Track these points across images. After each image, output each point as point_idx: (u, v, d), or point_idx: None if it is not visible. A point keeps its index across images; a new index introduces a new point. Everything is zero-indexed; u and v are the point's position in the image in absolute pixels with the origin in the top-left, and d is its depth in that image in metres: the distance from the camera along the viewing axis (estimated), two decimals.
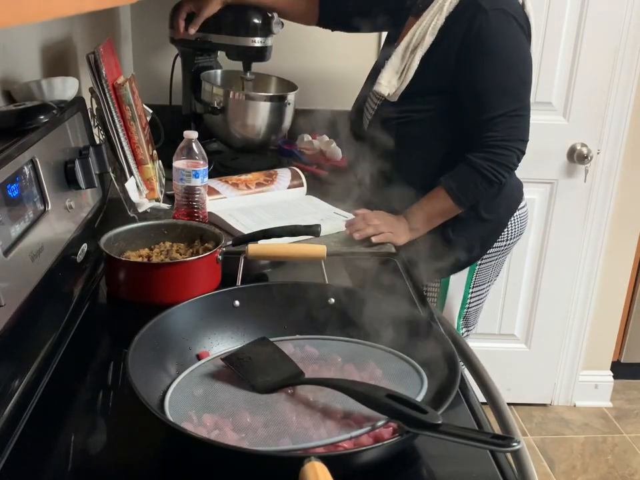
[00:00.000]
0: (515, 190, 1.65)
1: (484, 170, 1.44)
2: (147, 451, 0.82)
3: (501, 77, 1.43)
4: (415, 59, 1.46)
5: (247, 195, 1.59)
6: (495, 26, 1.40)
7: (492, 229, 1.62)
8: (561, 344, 2.58)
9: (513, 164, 1.46)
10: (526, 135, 1.47)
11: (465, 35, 1.42)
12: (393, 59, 1.50)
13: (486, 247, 1.62)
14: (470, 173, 1.46)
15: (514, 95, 1.45)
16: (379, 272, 1.35)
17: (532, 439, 2.47)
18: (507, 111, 1.43)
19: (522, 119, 1.46)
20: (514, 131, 1.45)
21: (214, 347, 0.97)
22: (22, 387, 0.88)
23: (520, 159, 1.48)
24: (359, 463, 0.74)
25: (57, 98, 1.21)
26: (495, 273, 1.72)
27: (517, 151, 1.45)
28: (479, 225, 1.58)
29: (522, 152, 1.47)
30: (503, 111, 1.43)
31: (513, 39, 1.44)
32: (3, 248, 0.87)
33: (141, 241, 1.23)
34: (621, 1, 2.16)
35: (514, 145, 1.44)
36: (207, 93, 1.76)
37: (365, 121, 1.64)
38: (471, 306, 1.70)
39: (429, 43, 1.45)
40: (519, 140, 1.45)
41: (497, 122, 1.43)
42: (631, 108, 2.29)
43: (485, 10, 1.39)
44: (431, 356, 0.89)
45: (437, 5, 1.45)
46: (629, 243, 2.49)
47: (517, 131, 1.45)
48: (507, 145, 1.44)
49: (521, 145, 1.46)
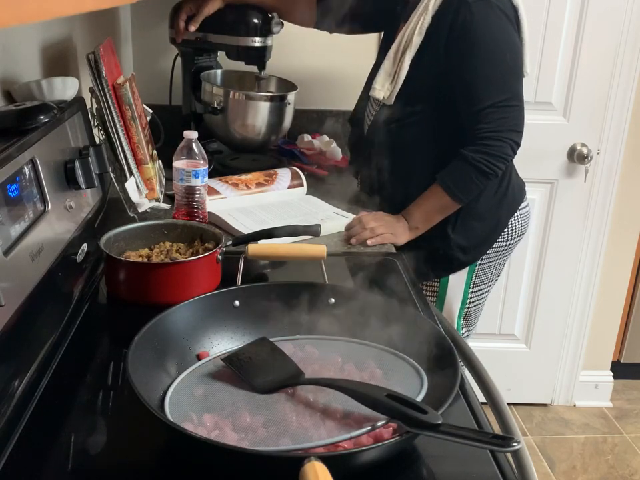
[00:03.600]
0: (516, 189, 1.64)
1: (477, 163, 1.43)
2: (147, 450, 0.82)
3: (487, 68, 1.42)
4: (405, 60, 1.47)
5: (247, 194, 1.59)
6: (478, 17, 1.40)
7: (492, 228, 1.61)
8: (561, 344, 2.58)
9: (506, 154, 1.45)
10: (519, 125, 1.46)
11: (451, 29, 1.42)
12: (386, 63, 1.52)
13: (486, 246, 1.62)
14: (464, 167, 1.45)
15: (502, 85, 1.44)
16: (379, 272, 1.35)
17: (532, 439, 2.47)
18: (496, 101, 1.42)
19: (512, 109, 1.44)
20: (504, 122, 1.43)
21: (214, 347, 0.96)
22: (22, 387, 0.88)
23: (515, 149, 1.46)
24: (359, 463, 0.74)
25: (57, 98, 1.21)
26: (496, 274, 1.72)
27: (510, 141, 1.44)
28: (479, 225, 1.58)
29: (516, 142, 1.45)
30: (491, 102, 1.42)
31: (498, 29, 1.43)
32: (2, 248, 0.87)
33: (141, 241, 1.23)
34: (621, 1, 2.16)
35: (506, 135, 1.43)
36: (207, 93, 1.76)
37: (364, 126, 1.65)
38: (471, 306, 1.70)
39: (418, 43, 1.46)
40: (510, 130, 1.44)
41: (486, 113, 1.42)
42: (630, 108, 2.29)
43: (468, 2, 1.40)
44: (431, 356, 0.89)
45: (422, 6, 1.46)
46: (629, 243, 2.49)
47: (508, 121, 1.44)
48: (498, 136, 1.43)
49: (513, 136, 1.44)
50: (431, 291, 1.66)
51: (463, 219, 1.55)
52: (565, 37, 2.21)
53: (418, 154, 1.54)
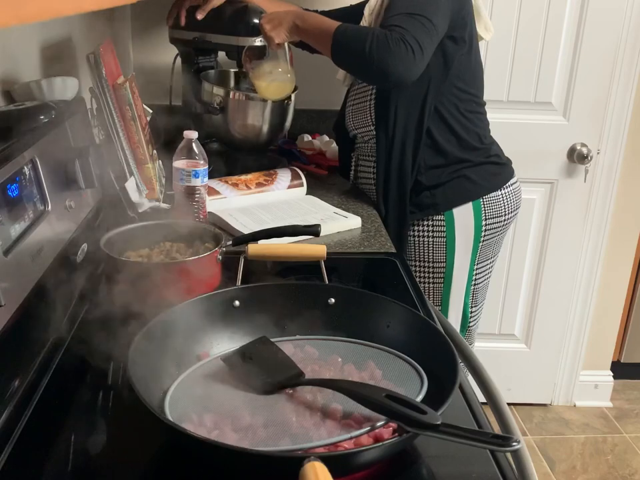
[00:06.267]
0: (503, 169, 1.74)
1: (373, 33, 1.40)
2: (147, 451, 0.82)
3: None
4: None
5: (247, 194, 1.59)
6: None
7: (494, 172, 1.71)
8: (561, 344, 2.58)
9: (399, 48, 1.38)
10: (424, 40, 1.41)
11: None
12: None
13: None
14: (365, 30, 1.45)
15: (418, 5, 1.44)
16: (379, 272, 1.35)
17: (532, 439, 2.47)
18: (408, 12, 1.43)
19: (421, 25, 1.41)
20: (410, 27, 1.40)
21: (214, 347, 0.96)
22: (22, 387, 0.88)
23: (409, 55, 1.39)
24: (359, 463, 0.74)
25: (57, 98, 1.21)
26: (497, 250, 1.80)
27: (407, 43, 1.39)
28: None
29: (412, 50, 1.39)
30: (403, 11, 1.43)
31: None
32: (2, 248, 0.87)
33: (141, 241, 1.23)
34: (621, 1, 2.17)
35: (407, 37, 1.39)
36: (207, 93, 1.76)
37: (347, 122, 1.75)
38: (477, 282, 1.76)
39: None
40: (413, 37, 1.39)
41: (396, 17, 1.43)
42: (631, 108, 2.29)
43: None
44: (431, 356, 0.89)
45: None
46: (629, 243, 2.50)
47: (414, 29, 1.40)
48: (402, 33, 1.39)
49: (413, 42, 1.39)
50: (437, 271, 1.70)
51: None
52: (565, 37, 2.21)
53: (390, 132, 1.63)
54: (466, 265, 1.70)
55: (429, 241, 1.68)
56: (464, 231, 1.67)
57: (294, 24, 1.51)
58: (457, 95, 1.62)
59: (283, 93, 1.68)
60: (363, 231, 1.52)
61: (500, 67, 2.22)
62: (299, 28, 1.52)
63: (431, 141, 1.63)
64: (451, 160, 1.65)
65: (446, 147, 1.64)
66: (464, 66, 1.61)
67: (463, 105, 1.64)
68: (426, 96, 1.58)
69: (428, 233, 1.67)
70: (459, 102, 1.63)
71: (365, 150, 1.73)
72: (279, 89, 1.67)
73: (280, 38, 1.53)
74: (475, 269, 1.73)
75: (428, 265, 1.70)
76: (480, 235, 1.68)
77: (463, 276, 1.71)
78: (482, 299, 1.83)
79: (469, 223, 1.67)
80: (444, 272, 1.70)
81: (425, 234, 1.68)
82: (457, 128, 1.64)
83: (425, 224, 1.67)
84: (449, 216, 1.65)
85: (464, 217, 1.66)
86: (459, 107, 1.63)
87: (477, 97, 1.68)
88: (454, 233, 1.66)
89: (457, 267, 1.69)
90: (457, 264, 1.69)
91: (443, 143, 1.64)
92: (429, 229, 1.67)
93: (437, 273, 1.70)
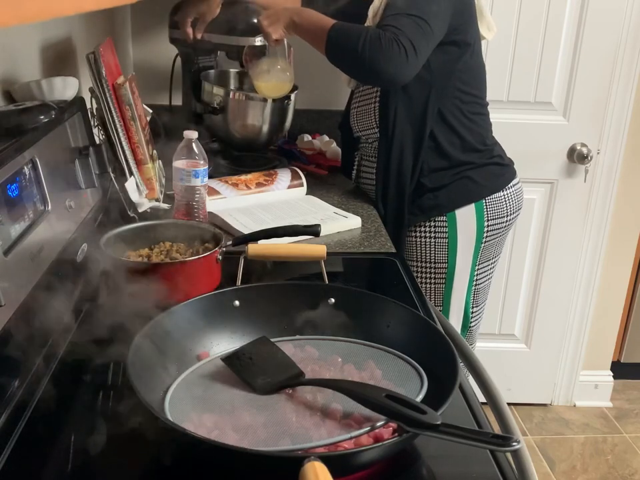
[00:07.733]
0: (506, 170, 1.73)
1: (367, 32, 1.40)
2: (147, 451, 0.82)
3: None
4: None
5: (247, 194, 1.59)
6: None
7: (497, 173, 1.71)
8: (561, 344, 2.58)
9: (391, 48, 1.38)
10: (418, 42, 1.40)
11: None
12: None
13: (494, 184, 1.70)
14: (359, 28, 1.44)
15: (416, 6, 1.44)
16: (379, 272, 1.35)
17: (532, 439, 2.47)
18: (405, 12, 1.42)
19: (417, 26, 1.41)
20: (405, 27, 1.40)
21: (214, 347, 0.96)
22: (22, 387, 0.88)
23: (401, 56, 1.38)
24: (359, 463, 0.74)
25: (57, 98, 1.21)
26: (499, 250, 1.80)
27: (400, 44, 1.38)
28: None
29: (405, 50, 1.38)
30: (401, 11, 1.43)
31: None
32: (3, 248, 0.87)
33: (141, 241, 1.23)
34: (620, 2, 2.16)
35: (400, 38, 1.38)
36: (207, 93, 1.76)
37: (352, 124, 1.74)
38: (479, 283, 1.75)
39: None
40: (407, 38, 1.39)
41: (393, 17, 1.42)
42: (631, 108, 2.29)
43: None
44: (431, 356, 0.89)
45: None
46: (629, 243, 2.49)
47: (409, 29, 1.40)
48: (395, 33, 1.39)
49: (406, 43, 1.39)
50: (439, 272, 1.70)
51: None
52: (565, 37, 2.21)
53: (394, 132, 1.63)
54: (468, 266, 1.70)
55: (430, 241, 1.68)
56: (466, 231, 1.66)
57: (291, 20, 1.51)
58: (460, 97, 1.62)
59: (282, 90, 1.68)
60: (363, 231, 1.52)
61: (500, 67, 2.22)
62: (296, 24, 1.51)
63: (434, 143, 1.63)
64: (454, 163, 1.65)
65: (449, 150, 1.64)
66: (467, 68, 1.61)
67: (466, 106, 1.64)
68: (429, 98, 1.58)
69: (430, 233, 1.67)
70: (462, 104, 1.63)
71: (369, 150, 1.72)
72: (277, 87, 1.67)
73: (277, 34, 1.53)
74: (476, 270, 1.73)
75: (430, 265, 1.70)
76: (482, 235, 1.68)
77: (464, 276, 1.71)
78: (483, 299, 1.83)
79: (471, 224, 1.66)
80: (445, 272, 1.70)
81: (426, 234, 1.68)
82: (460, 130, 1.64)
83: (427, 224, 1.67)
84: (451, 217, 1.65)
85: (466, 218, 1.66)
86: (462, 108, 1.63)
87: (480, 98, 1.68)
88: (456, 233, 1.66)
89: (459, 268, 1.69)
90: (458, 264, 1.69)
91: (446, 146, 1.63)
92: (431, 230, 1.67)
93: (439, 274, 1.70)
